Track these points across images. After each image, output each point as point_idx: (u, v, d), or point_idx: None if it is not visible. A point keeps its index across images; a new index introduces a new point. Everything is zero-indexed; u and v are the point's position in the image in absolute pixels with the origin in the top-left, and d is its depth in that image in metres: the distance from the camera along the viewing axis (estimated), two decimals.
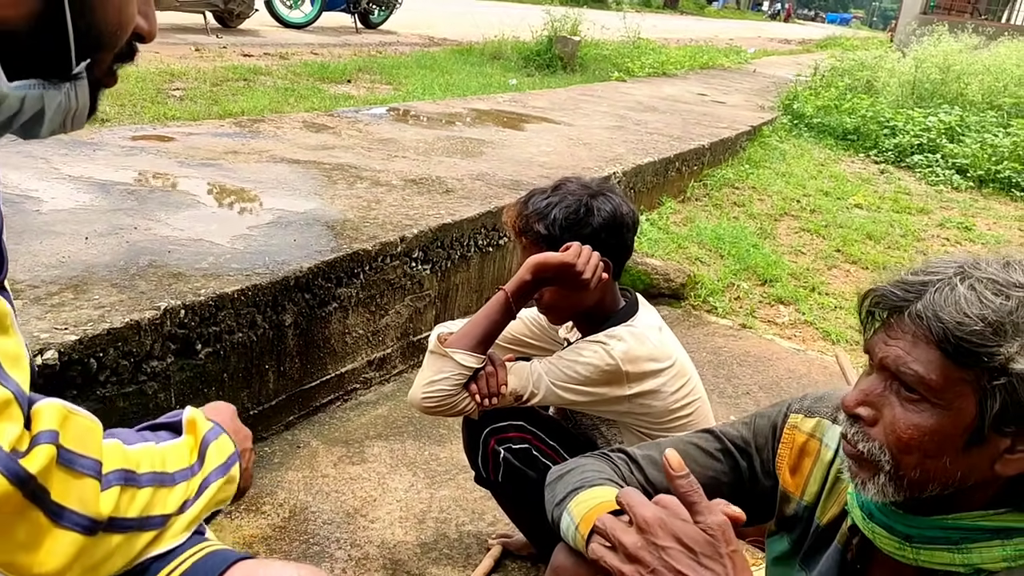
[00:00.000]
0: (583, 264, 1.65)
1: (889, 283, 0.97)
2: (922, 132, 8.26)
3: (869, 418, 0.96)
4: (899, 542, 1.00)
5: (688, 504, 0.94)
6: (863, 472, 0.98)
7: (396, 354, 3.03)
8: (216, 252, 2.49)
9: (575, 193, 1.71)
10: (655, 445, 1.31)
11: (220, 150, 3.76)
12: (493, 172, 4.02)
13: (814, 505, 1.18)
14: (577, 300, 1.75)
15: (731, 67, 14.02)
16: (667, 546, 0.90)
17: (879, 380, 0.97)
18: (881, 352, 0.96)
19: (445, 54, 11.12)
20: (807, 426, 1.21)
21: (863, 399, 0.97)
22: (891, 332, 0.95)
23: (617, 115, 6.67)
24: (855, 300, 4.02)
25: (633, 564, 0.91)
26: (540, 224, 1.70)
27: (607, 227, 1.71)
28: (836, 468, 1.16)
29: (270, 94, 6.59)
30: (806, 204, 6.04)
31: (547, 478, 1.29)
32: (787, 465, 1.21)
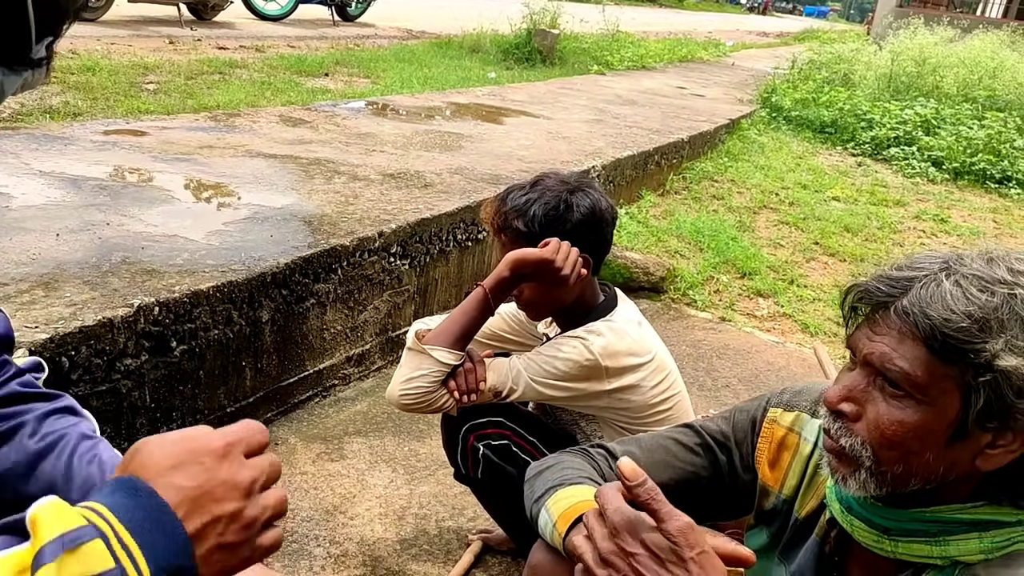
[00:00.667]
0: (562, 260, 1.64)
1: (873, 278, 0.97)
2: (898, 125, 8.32)
3: (852, 414, 0.96)
4: (877, 535, 1.01)
5: (651, 512, 0.93)
6: (843, 467, 0.98)
7: (375, 350, 3.01)
8: (191, 248, 2.46)
9: (553, 189, 1.70)
10: (635, 440, 1.31)
11: (195, 144, 3.72)
12: (472, 166, 4.01)
13: (793, 498, 1.18)
14: (556, 296, 1.74)
15: (710, 60, 14.05)
16: (635, 552, 0.90)
17: (862, 376, 0.96)
18: (866, 348, 0.95)
19: (424, 47, 11.06)
20: (786, 420, 1.21)
21: (846, 395, 0.97)
22: (876, 328, 0.95)
23: (596, 108, 6.66)
24: (834, 292, 4.05)
25: (606, 568, 0.91)
26: (519, 221, 1.69)
27: (586, 223, 1.70)
28: (815, 462, 1.16)
29: (246, 87, 6.52)
30: (784, 197, 6.07)
31: (526, 474, 1.29)
32: (766, 459, 1.21)
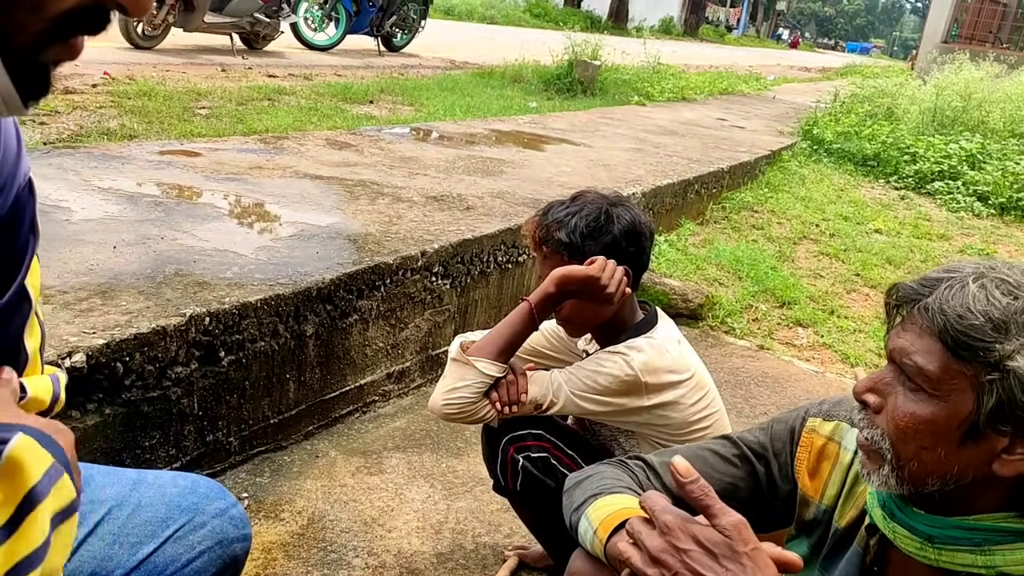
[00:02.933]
0: (607, 278, 1.67)
1: (913, 280, 1.00)
2: (943, 159, 8.24)
3: (875, 405, 1.00)
4: (920, 542, 1.01)
5: (702, 508, 0.95)
6: (871, 462, 1.01)
7: (415, 367, 3.05)
8: (240, 263, 2.53)
9: (594, 202, 1.74)
10: (671, 452, 1.32)
11: (245, 165, 3.82)
12: (513, 190, 4.06)
13: (833, 508, 1.19)
14: (597, 313, 1.77)
15: (751, 93, 14.05)
16: (688, 549, 0.91)
17: (889, 370, 1.00)
18: (891, 344, 1.00)
19: (466, 77, 11.22)
20: (825, 429, 1.22)
21: (871, 386, 1.01)
22: (904, 325, 0.99)
23: (636, 138, 6.70)
24: (875, 324, 4.00)
25: (656, 567, 0.92)
26: (561, 232, 1.73)
27: (627, 235, 1.73)
28: (855, 471, 1.17)
29: (293, 113, 6.68)
30: (825, 228, 6.03)
31: (565, 484, 1.31)
32: (806, 469, 1.22)
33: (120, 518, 1.04)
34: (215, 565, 1.07)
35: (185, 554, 1.05)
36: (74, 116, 5.55)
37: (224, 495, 1.13)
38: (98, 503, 1.05)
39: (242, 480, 2.37)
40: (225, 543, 1.09)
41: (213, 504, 1.10)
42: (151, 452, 2.10)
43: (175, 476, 1.13)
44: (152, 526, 1.05)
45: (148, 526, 1.05)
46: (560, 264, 1.76)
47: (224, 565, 1.08)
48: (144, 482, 1.10)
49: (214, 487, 1.13)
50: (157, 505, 1.07)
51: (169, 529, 1.05)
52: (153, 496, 1.08)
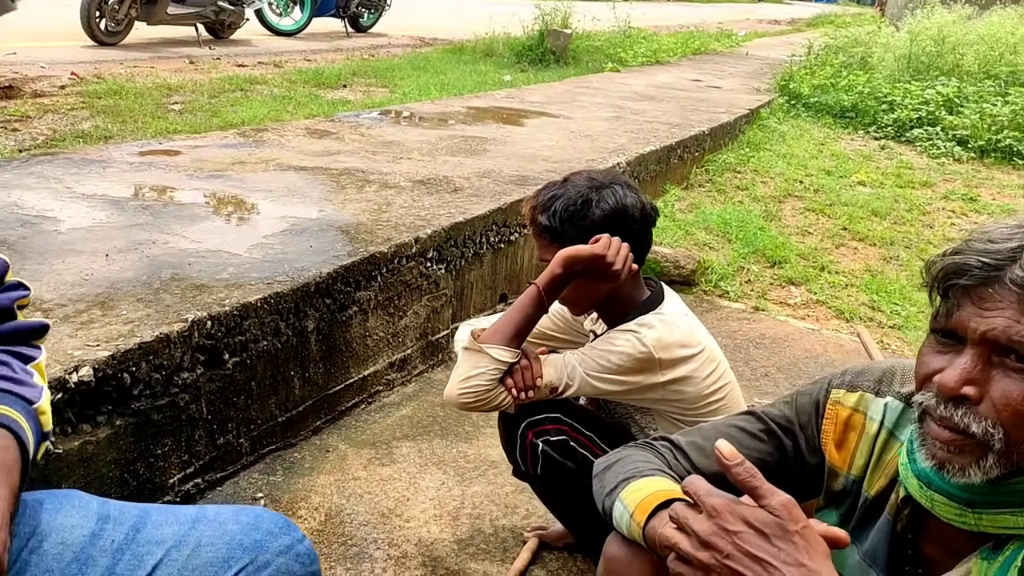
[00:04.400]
0: (613, 255, 1.67)
1: (962, 256, 0.95)
2: (920, 105, 8.26)
3: (976, 396, 0.93)
4: (960, 508, 1.01)
5: (750, 490, 0.95)
6: (964, 457, 0.95)
7: (416, 355, 3.04)
8: (235, 262, 2.50)
9: (579, 186, 1.74)
10: (697, 431, 1.33)
11: (227, 161, 3.78)
12: (499, 169, 4.04)
13: (861, 478, 1.19)
14: (597, 291, 1.77)
15: (723, 51, 14.01)
16: (738, 531, 0.91)
17: (976, 356, 0.93)
18: (981, 326, 0.92)
19: (437, 54, 11.12)
20: (850, 400, 1.22)
21: (966, 378, 0.93)
22: (984, 304, 0.93)
23: (614, 106, 6.67)
24: (866, 277, 4.04)
25: (707, 550, 0.91)
26: (543, 216, 1.73)
27: (608, 219, 1.72)
28: (882, 440, 1.18)
29: (268, 103, 6.60)
30: (809, 184, 6.05)
31: (594, 469, 1.31)
32: (832, 440, 1.22)
33: (179, 560, 0.99)
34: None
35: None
36: (46, 120, 5.47)
37: (290, 529, 1.07)
38: (155, 544, 1.00)
39: (256, 480, 2.36)
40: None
41: (278, 541, 1.04)
42: (164, 460, 2.09)
43: (237, 511, 1.07)
44: (213, 567, 0.99)
45: (210, 567, 0.99)
46: (547, 247, 1.77)
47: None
48: (204, 519, 1.05)
49: (279, 521, 1.07)
50: (218, 544, 1.02)
51: (231, 570, 0.99)
52: (213, 535, 1.02)
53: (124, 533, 0.99)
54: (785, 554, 0.89)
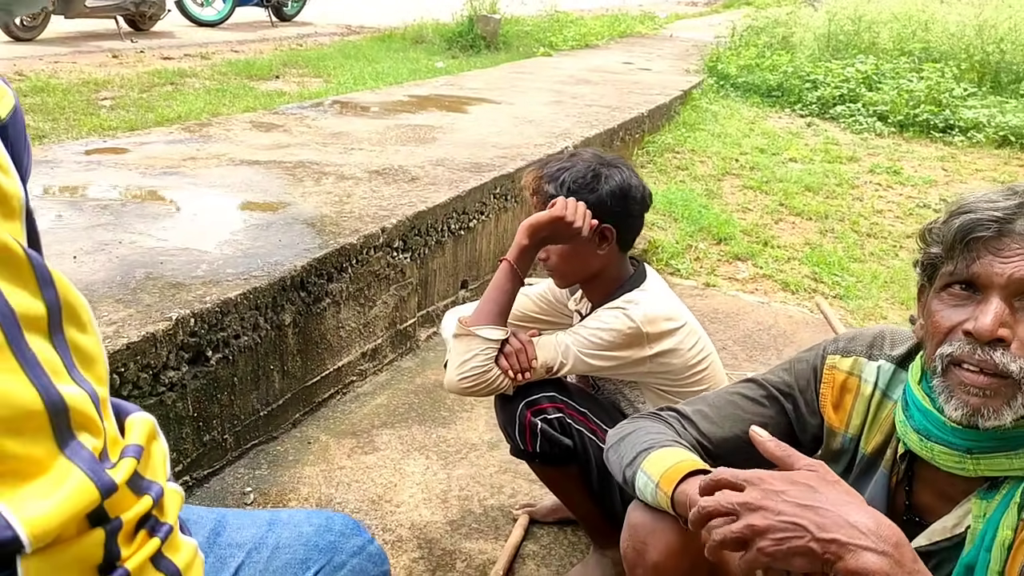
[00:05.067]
0: (572, 215, 1.74)
1: (974, 213, 1.04)
2: (842, 83, 8.57)
3: (1010, 337, 1.02)
4: (959, 455, 1.11)
5: (783, 460, 1.04)
6: (997, 399, 1.03)
7: (386, 344, 3.07)
8: (208, 259, 2.49)
9: (587, 161, 1.82)
10: (702, 399, 1.41)
11: (177, 157, 3.72)
12: (451, 157, 4.07)
13: (858, 437, 1.29)
14: (583, 262, 1.84)
15: (648, 34, 14.22)
16: (783, 489, 0.98)
17: (1001, 300, 1.02)
18: (1006, 271, 1.01)
19: (367, 42, 11.02)
20: (845, 365, 1.31)
21: (999, 321, 1.01)
22: (1003, 253, 1.02)
23: (553, 90, 6.74)
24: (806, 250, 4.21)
25: (759, 512, 0.97)
26: (551, 186, 1.80)
27: (614, 195, 1.81)
28: (876, 400, 1.27)
29: (203, 96, 6.48)
30: (745, 162, 6.24)
31: (607, 441, 1.38)
32: (830, 403, 1.32)
33: (260, 561, 1.02)
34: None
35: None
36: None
37: (359, 531, 1.10)
38: (236, 546, 1.02)
39: (242, 475, 2.37)
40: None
41: (350, 542, 1.07)
42: None
43: (309, 515, 1.09)
44: (293, 568, 1.02)
45: (289, 568, 1.02)
46: None
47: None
48: (279, 522, 1.07)
49: (349, 523, 1.10)
50: (295, 546, 1.04)
51: (310, 571, 1.02)
52: (290, 537, 1.05)
53: (205, 536, 1.02)
54: (830, 498, 0.97)
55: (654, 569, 1.26)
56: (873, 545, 0.93)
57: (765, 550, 0.96)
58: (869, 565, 0.92)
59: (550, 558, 2.12)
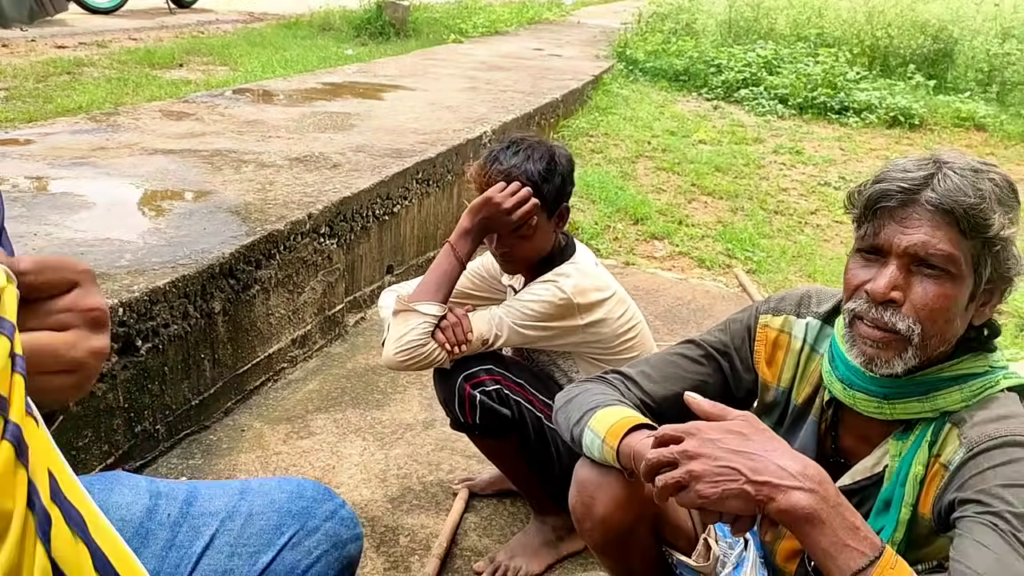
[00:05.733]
0: (503, 196, 1.80)
1: (884, 184, 1.14)
2: (744, 68, 8.86)
3: (900, 300, 1.14)
4: (878, 401, 1.22)
5: (717, 416, 1.13)
6: (889, 351, 1.16)
7: (315, 330, 3.06)
8: (131, 249, 2.44)
9: (540, 146, 1.88)
10: (644, 362, 1.48)
11: (86, 148, 3.60)
12: (371, 143, 4.06)
13: (790, 389, 1.39)
14: (541, 245, 1.92)
15: (556, 20, 14.35)
16: (719, 437, 1.07)
17: (899, 266, 1.14)
18: (904, 241, 1.12)
19: (272, 29, 10.79)
20: (776, 323, 1.41)
21: (892, 285, 1.13)
22: (906, 223, 1.13)
23: (467, 76, 6.77)
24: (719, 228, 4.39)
25: (698, 459, 1.05)
26: (522, 178, 1.83)
27: (570, 173, 1.91)
28: (805, 355, 1.37)
29: (103, 86, 6.25)
30: (656, 145, 6.40)
31: (555, 403, 1.44)
32: (764, 359, 1.41)
33: (234, 529, 1.02)
34: (333, 568, 1.06)
35: (303, 560, 1.03)
36: None
37: (331, 496, 1.11)
38: (210, 515, 1.03)
39: (176, 465, 2.34)
40: (340, 545, 1.08)
41: (322, 507, 1.09)
42: (85, 452, 2.05)
43: (280, 482, 1.10)
44: (267, 534, 1.03)
45: (263, 535, 1.03)
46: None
47: (341, 567, 1.07)
48: (250, 490, 1.08)
49: (320, 489, 1.11)
50: (268, 513, 1.05)
51: (284, 536, 1.03)
52: (263, 504, 1.06)
53: (178, 507, 1.03)
54: (761, 445, 1.06)
55: (602, 522, 1.33)
56: (801, 484, 1.03)
57: (702, 493, 1.04)
58: (798, 502, 1.02)
59: (491, 528, 2.18)
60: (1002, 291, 1.17)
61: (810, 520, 1.01)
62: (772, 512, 1.02)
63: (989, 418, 1.17)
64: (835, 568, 1.01)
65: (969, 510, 1.11)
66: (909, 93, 8.45)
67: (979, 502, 1.10)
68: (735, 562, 1.41)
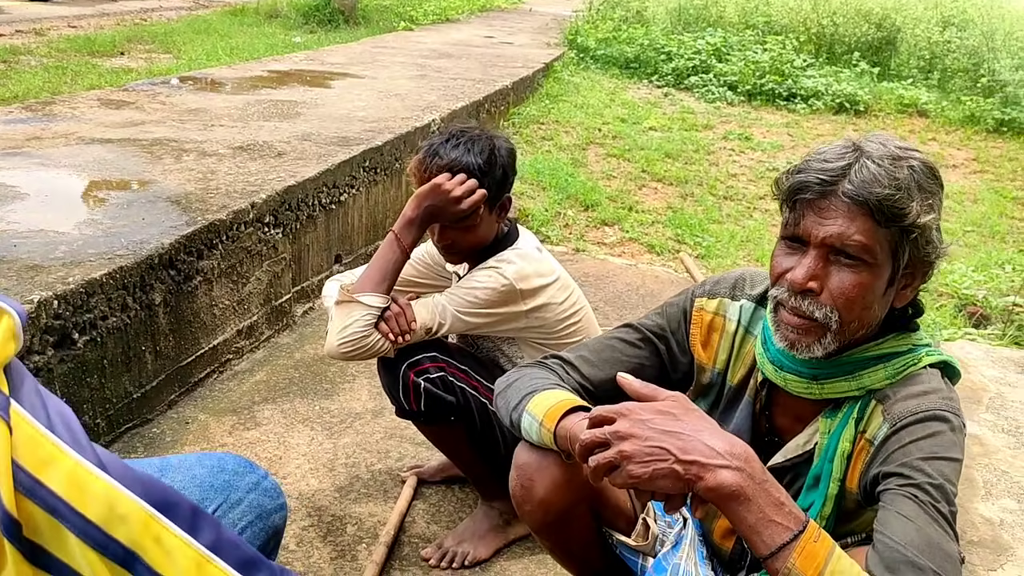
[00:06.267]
0: (452, 184, 1.79)
1: (804, 174, 1.16)
2: (694, 55, 8.93)
3: (818, 288, 1.17)
4: (807, 382, 1.25)
5: (648, 396, 1.13)
6: (809, 337, 1.19)
7: (262, 321, 3.03)
8: (66, 240, 2.38)
9: (479, 137, 1.87)
10: (583, 346, 1.49)
11: (20, 137, 3.50)
12: (317, 131, 4.01)
13: (725, 370, 1.41)
14: (484, 235, 1.91)
15: (508, 8, 14.32)
16: (649, 418, 1.07)
17: (818, 256, 1.16)
18: (821, 232, 1.14)
19: (217, 17, 10.62)
20: (711, 306, 1.42)
21: (810, 275, 1.16)
22: (824, 214, 1.15)
23: (416, 64, 6.72)
24: (668, 214, 4.44)
25: (629, 440, 1.06)
26: (464, 172, 1.82)
27: (512, 163, 1.90)
28: (740, 337, 1.39)
29: (40, 74, 6.10)
30: (607, 131, 6.43)
31: (496, 388, 1.44)
32: (699, 341, 1.43)
33: None
34: (259, 538, 1.06)
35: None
36: None
37: (253, 468, 1.11)
38: None
39: None
40: (264, 515, 1.08)
41: (245, 479, 1.08)
42: None
43: (200, 457, 1.09)
44: None
45: None
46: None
47: (267, 537, 1.08)
48: (170, 467, 1.07)
49: (241, 462, 1.11)
50: (190, 488, 1.04)
51: (208, 510, 0.99)
52: (184, 480, 1.05)
53: None
54: (690, 425, 1.07)
55: (541, 504, 1.34)
56: (728, 463, 1.04)
57: (633, 473, 1.05)
58: (726, 480, 1.03)
59: (440, 515, 2.18)
60: (924, 273, 1.20)
61: (736, 497, 1.03)
62: (700, 490, 1.04)
63: (911, 394, 1.21)
64: (761, 543, 1.02)
65: (892, 483, 1.14)
66: (854, 80, 8.60)
67: (901, 475, 1.14)
68: (674, 541, 1.43)
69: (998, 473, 2.57)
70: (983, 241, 5.08)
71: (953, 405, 1.20)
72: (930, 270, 1.21)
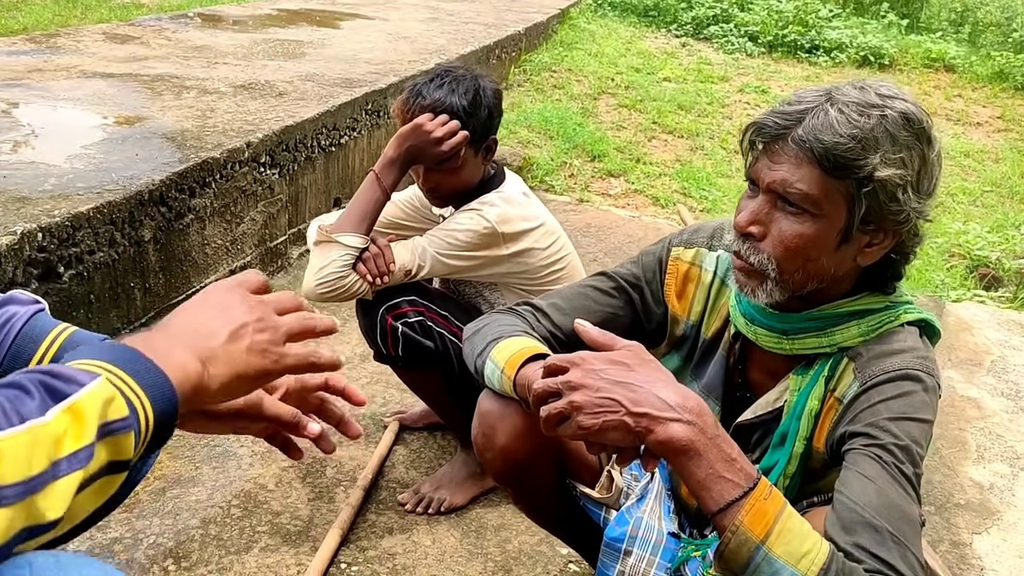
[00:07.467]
0: (434, 125, 1.76)
1: (767, 115, 1.12)
2: (715, 3, 8.72)
3: (759, 234, 1.13)
4: (777, 337, 1.22)
5: (606, 345, 1.10)
6: (752, 281, 1.16)
7: (256, 262, 3.02)
8: (56, 173, 2.37)
9: (465, 78, 1.83)
10: (556, 293, 1.46)
11: (22, 69, 3.48)
12: (321, 72, 3.96)
13: (699, 323, 1.38)
14: (468, 178, 1.88)
15: None
16: (602, 368, 1.04)
17: (765, 201, 1.13)
18: (768, 177, 1.11)
19: None
20: (688, 256, 1.39)
21: (753, 219, 1.13)
22: (774, 158, 1.11)
23: (429, 7, 6.61)
24: (676, 167, 4.37)
25: (580, 390, 1.03)
26: (447, 113, 1.79)
27: (497, 105, 1.88)
28: (716, 288, 1.36)
29: (51, 7, 6.04)
30: (620, 81, 6.32)
31: (464, 334, 1.42)
32: (674, 292, 1.39)
33: None
34: None
35: None
36: None
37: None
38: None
39: None
40: None
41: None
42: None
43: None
44: None
45: None
46: None
47: None
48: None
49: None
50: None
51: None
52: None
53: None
54: (644, 376, 1.04)
55: (502, 452, 1.33)
56: (679, 416, 1.01)
57: (582, 424, 1.02)
58: (676, 434, 1.01)
59: (419, 461, 2.19)
60: (895, 233, 1.14)
61: (686, 452, 1.00)
62: (651, 444, 1.02)
63: (885, 352, 1.17)
64: (710, 499, 1.01)
65: (857, 443, 1.12)
66: (881, 32, 8.38)
67: (867, 435, 1.11)
68: (639, 494, 1.42)
69: (992, 437, 2.55)
70: (1001, 202, 4.98)
71: (927, 365, 1.17)
72: (904, 231, 1.14)
